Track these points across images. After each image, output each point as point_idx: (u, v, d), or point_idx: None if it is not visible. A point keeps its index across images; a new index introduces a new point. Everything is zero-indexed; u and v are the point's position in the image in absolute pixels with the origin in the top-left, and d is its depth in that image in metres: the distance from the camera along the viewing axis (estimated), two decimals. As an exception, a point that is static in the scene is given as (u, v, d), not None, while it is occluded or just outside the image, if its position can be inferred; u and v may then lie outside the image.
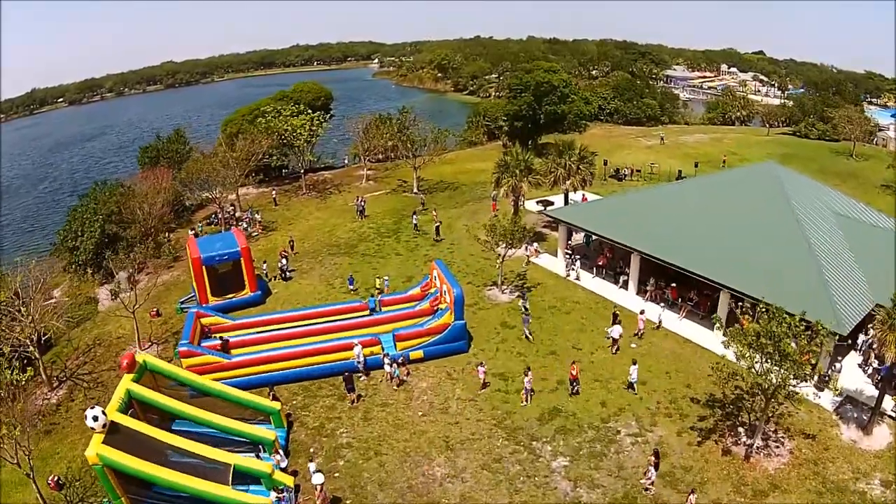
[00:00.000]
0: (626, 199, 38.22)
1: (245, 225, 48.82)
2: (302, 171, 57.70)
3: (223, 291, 33.95)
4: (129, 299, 31.37)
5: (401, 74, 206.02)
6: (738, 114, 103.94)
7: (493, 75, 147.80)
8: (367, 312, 30.92)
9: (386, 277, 35.57)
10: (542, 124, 69.14)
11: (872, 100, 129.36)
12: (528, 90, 67.92)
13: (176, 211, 52.09)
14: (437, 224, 43.19)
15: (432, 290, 30.07)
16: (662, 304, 30.96)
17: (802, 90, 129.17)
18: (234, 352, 28.20)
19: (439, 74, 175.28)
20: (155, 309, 35.29)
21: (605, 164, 57.00)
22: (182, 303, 35.31)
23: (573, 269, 35.02)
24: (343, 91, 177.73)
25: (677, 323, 30.32)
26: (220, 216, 49.85)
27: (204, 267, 32.96)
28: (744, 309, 29.25)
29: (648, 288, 32.26)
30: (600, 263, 35.22)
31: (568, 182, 40.74)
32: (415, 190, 55.01)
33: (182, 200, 54.33)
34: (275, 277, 38.15)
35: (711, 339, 28.40)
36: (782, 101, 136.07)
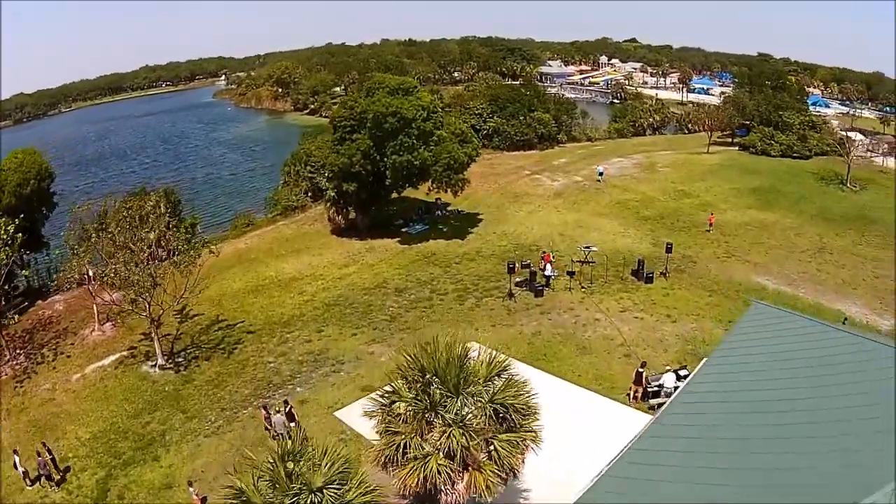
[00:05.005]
0: None
1: None
2: None
3: None
4: None
5: (240, 93, 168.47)
6: (651, 120, 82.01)
7: (339, 88, 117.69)
8: None
9: None
10: (388, 185, 40.29)
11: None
12: (363, 127, 38.75)
13: None
14: None
15: None
16: None
17: (726, 82, 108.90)
18: None
19: (279, 91, 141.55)
20: None
21: (512, 269, 28.85)
22: None
23: None
24: (171, 128, 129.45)
25: None
26: None
27: None
28: None
29: None
30: None
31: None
32: (159, 361, 23.73)
33: None
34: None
35: None
36: (680, 91, 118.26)
